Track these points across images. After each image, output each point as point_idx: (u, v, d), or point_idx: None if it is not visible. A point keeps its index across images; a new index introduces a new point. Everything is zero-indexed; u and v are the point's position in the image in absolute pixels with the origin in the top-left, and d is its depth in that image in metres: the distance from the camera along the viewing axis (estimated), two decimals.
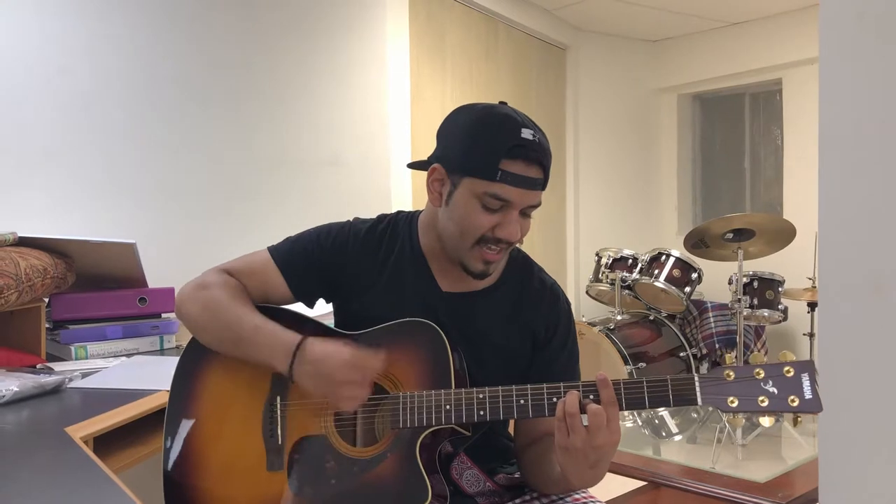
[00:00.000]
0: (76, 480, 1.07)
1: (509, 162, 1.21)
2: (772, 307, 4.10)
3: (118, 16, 2.47)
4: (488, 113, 1.26)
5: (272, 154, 2.96)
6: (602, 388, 1.13)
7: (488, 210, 1.24)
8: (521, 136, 1.21)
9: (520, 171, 1.21)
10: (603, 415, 1.11)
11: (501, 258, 1.31)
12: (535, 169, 1.23)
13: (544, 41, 4.88)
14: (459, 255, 1.29)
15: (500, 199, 1.22)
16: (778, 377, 1.13)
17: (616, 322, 4.06)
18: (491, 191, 1.22)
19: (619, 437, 1.13)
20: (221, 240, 2.73)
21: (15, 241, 1.87)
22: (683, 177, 5.69)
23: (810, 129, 4.61)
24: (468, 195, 1.24)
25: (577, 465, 1.14)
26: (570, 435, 1.12)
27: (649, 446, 2.65)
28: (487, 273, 1.30)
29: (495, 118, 1.25)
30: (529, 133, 1.22)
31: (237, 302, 1.31)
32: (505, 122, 1.23)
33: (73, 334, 2.02)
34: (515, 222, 1.25)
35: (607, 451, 1.13)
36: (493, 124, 1.24)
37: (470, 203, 1.24)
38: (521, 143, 1.21)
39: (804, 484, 2.02)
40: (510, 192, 1.22)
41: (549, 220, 4.93)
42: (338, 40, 3.22)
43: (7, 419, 1.39)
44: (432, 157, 1.31)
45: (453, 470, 1.33)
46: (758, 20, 5.01)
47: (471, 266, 1.29)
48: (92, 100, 2.40)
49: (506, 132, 1.22)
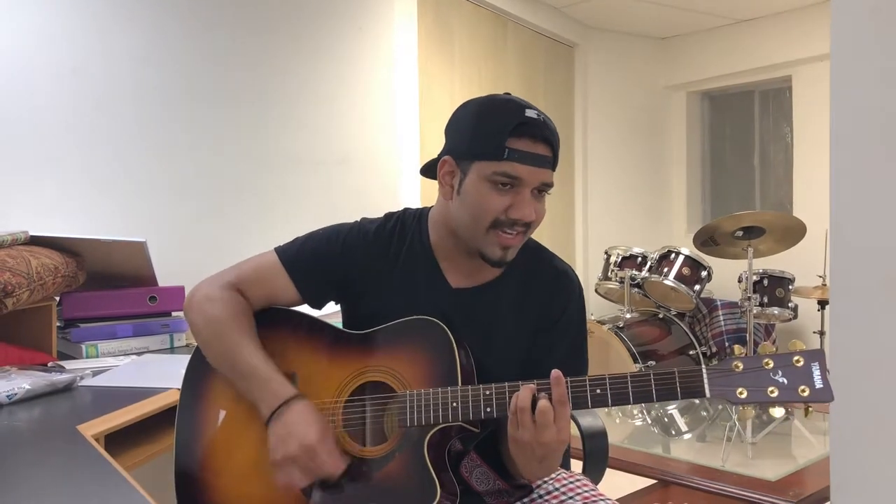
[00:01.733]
0: (88, 478, 1.08)
1: (515, 140, 1.21)
2: (782, 305, 4.08)
3: (130, 17, 2.47)
4: (491, 99, 1.29)
5: (280, 153, 2.97)
6: (554, 386, 1.14)
7: (499, 191, 1.24)
8: (525, 114, 1.22)
9: (527, 147, 1.22)
10: (551, 412, 1.12)
11: (519, 242, 1.29)
12: (543, 146, 1.23)
13: (553, 39, 4.86)
14: (476, 243, 1.28)
15: (509, 176, 1.22)
16: (787, 367, 1.11)
17: (625, 320, 4.05)
18: (500, 170, 1.22)
19: (567, 436, 1.14)
20: (231, 239, 2.74)
21: (26, 240, 1.88)
22: (693, 174, 5.67)
23: (820, 127, 4.57)
24: (478, 179, 1.25)
25: (525, 457, 1.17)
26: (519, 429, 1.14)
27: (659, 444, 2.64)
28: (506, 259, 1.29)
29: (498, 102, 1.27)
30: (534, 112, 1.23)
31: (238, 331, 1.30)
32: (508, 104, 1.25)
33: (83, 333, 2.03)
34: (528, 202, 1.25)
35: (554, 448, 1.14)
36: (497, 108, 1.26)
37: (481, 186, 1.25)
38: (525, 120, 1.22)
39: (815, 482, 2.01)
40: (519, 169, 1.22)
41: (558, 218, 4.93)
42: (346, 39, 3.22)
43: (19, 417, 1.39)
44: (441, 152, 1.32)
45: (463, 468, 1.33)
46: (767, 17, 4.99)
47: (489, 253, 1.28)
48: (104, 100, 2.41)
49: (510, 112, 1.23)
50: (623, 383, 1.14)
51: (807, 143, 4.93)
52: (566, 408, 1.14)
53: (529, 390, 1.15)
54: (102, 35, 2.41)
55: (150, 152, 2.54)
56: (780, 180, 5.34)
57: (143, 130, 2.52)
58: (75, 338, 2.02)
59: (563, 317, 1.35)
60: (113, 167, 2.43)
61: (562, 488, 1.39)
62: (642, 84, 5.50)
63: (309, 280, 1.37)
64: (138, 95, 2.50)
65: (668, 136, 5.65)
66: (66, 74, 2.31)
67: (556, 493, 1.39)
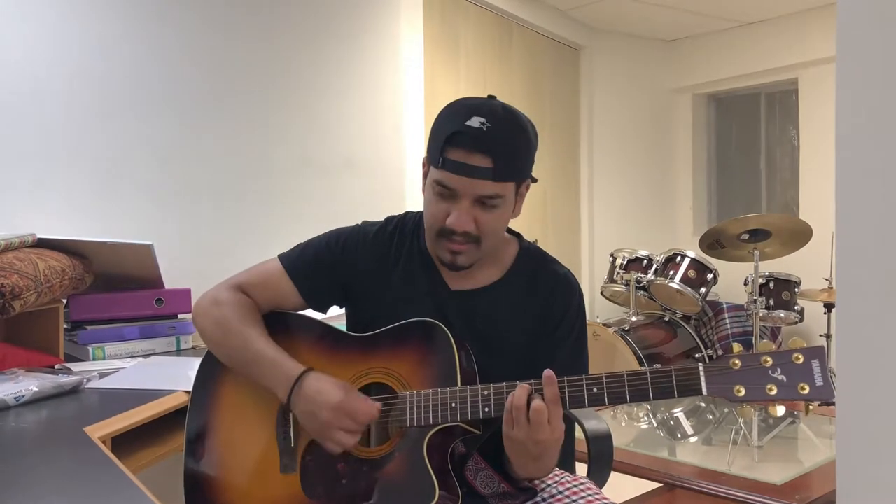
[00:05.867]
0: (95, 480, 1.08)
1: (450, 149, 1.21)
2: (788, 308, 4.07)
3: (137, 21, 2.49)
4: (454, 103, 1.27)
5: (287, 156, 2.98)
6: (546, 385, 1.14)
7: (440, 199, 1.24)
8: (464, 123, 1.19)
9: (460, 158, 1.20)
10: (545, 412, 1.12)
11: (467, 250, 1.27)
12: (479, 157, 1.19)
13: (558, 41, 4.87)
14: (431, 246, 1.31)
15: (443, 186, 1.22)
16: (787, 364, 1.08)
17: (631, 323, 4.04)
18: (436, 177, 1.23)
19: (560, 434, 1.15)
20: (237, 241, 2.74)
21: (34, 243, 1.89)
22: (699, 177, 5.66)
23: (826, 129, 4.57)
24: (428, 184, 1.26)
25: (521, 456, 1.17)
26: (515, 427, 1.14)
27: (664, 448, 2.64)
28: (457, 264, 1.28)
29: (454, 107, 1.25)
30: (478, 121, 1.19)
31: (247, 324, 1.32)
32: (459, 110, 1.23)
33: (90, 335, 2.04)
34: (464, 212, 1.23)
35: (549, 446, 1.15)
36: (448, 113, 1.24)
37: (429, 192, 1.26)
38: (461, 129, 1.19)
39: (821, 486, 2.00)
40: (451, 178, 1.21)
41: (564, 221, 4.92)
42: (352, 42, 3.23)
43: (26, 419, 1.40)
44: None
45: (467, 471, 1.33)
46: (773, 19, 4.98)
47: (441, 257, 1.29)
48: (110, 103, 2.42)
49: (451, 120, 1.21)
50: (619, 382, 1.14)
51: (813, 146, 4.91)
52: (559, 407, 1.14)
53: (525, 389, 1.15)
54: (109, 38, 2.42)
55: (158, 155, 2.55)
56: (787, 183, 5.33)
57: (150, 134, 2.53)
58: (82, 340, 2.03)
59: (563, 321, 1.35)
60: (120, 170, 2.44)
61: (566, 491, 1.39)
62: (648, 87, 5.49)
63: (311, 284, 1.38)
64: (145, 99, 2.51)
65: (673, 139, 5.64)
66: (72, 77, 2.32)
67: (560, 496, 1.39)
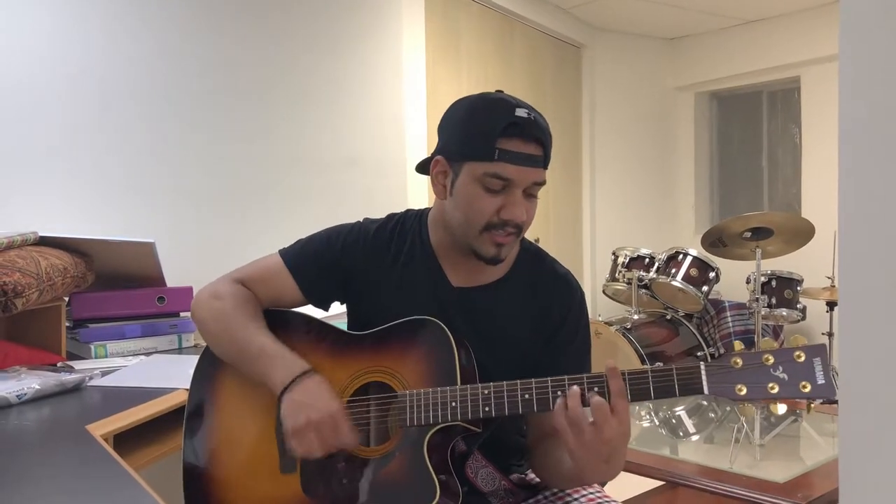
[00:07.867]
0: (97, 477, 1.08)
1: (506, 140, 1.21)
2: (790, 306, 4.06)
3: (139, 18, 2.49)
4: (482, 98, 1.28)
5: (289, 154, 2.98)
6: (611, 378, 1.11)
7: (491, 192, 1.23)
8: (515, 114, 1.21)
9: (517, 147, 1.21)
10: (606, 407, 1.09)
11: (513, 242, 1.29)
12: (533, 146, 1.23)
13: (560, 40, 4.86)
14: (469, 242, 1.28)
15: (500, 178, 1.22)
16: (788, 362, 1.08)
17: (633, 321, 4.04)
18: (491, 171, 1.22)
19: (628, 427, 1.11)
20: (239, 239, 2.74)
21: (36, 241, 1.89)
22: (701, 175, 5.66)
23: (829, 128, 4.57)
24: (470, 180, 1.24)
25: (590, 461, 1.12)
26: (579, 436, 1.10)
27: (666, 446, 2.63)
28: (500, 258, 1.29)
29: (489, 102, 1.26)
30: (524, 112, 1.22)
31: (246, 317, 1.32)
32: (499, 103, 1.24)
33: (92, 333, 2.04)
34: (520, 203, 1.24)
35: (618, 443, 1.10)
36: (488, 107, 1.25)
37: (472, 188, 1.24)
38: (515, 120, 1.21)
39: (824, 484, 2.00)
40: (510, 170, 1.21)
41: (566, 219, 4.92)
42: (354, 40, 3.23)
43: (29, 417, 1.40)
44: (434, 151, 1.32)
45: (468, 468, 1.33)
46: (776, 17, 4.97)
47: (482, 251, 1.28)
48: (112, 101, 2.42)
49: (500, 112, 1.22)
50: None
51: (815, 144, 4.91)
52: (625, 400, 1.11)
53: (577, 397, 1.12)
54: (111, 36, 2.42)
55: (159, 153, 2.55)
56: (789, 181, 5.32)
57: (151, 131, 2.53)
58: (84, 338, 2.03)
59: (565, 322, 1.35)
60: (122, 168, 2.44)
61: (568, 489, 1.39)
62: (650, 85, 5.49)
63: (312, 280, 1.38)
64: (147, 96, 2.51)
65: (675, 137, 5.63)
66: (75, 75, 2.32)
67: (561, 493, 1.39)
